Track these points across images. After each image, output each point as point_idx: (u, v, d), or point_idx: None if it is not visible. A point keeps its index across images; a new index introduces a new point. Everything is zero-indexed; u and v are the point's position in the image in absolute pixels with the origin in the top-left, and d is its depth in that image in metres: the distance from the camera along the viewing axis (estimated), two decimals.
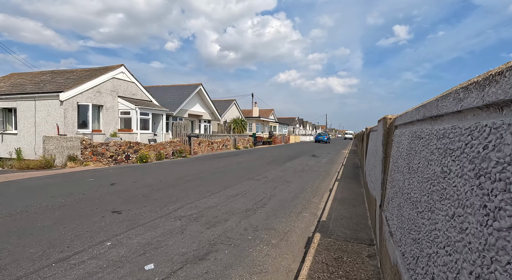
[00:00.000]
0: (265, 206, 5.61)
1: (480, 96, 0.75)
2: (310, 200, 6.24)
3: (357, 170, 10.52)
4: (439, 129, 1.11)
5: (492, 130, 0.69)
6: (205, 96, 22.61)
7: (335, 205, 5.11)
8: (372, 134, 5.13)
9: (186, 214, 4.91)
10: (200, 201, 5.77)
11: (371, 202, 3.92)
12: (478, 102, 0.76)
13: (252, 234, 4.10)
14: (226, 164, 12.26)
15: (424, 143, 1.33)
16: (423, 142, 1.35)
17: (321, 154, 19.72)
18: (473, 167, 0.77)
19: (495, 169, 0.66)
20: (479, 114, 0.78)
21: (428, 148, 1.24)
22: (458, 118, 0.94)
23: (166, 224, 4.36)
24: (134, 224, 4.29)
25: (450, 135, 0.97)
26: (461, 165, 0.85)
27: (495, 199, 0.65)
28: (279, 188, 7.39)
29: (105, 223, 4.26)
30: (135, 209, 5.06)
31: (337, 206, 5.02)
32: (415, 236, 1.32)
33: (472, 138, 0.79)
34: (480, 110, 0.78)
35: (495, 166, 0.66)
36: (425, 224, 1.17)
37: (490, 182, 0.67)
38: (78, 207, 5.00)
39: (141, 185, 7.10)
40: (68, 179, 7.86)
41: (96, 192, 6.18)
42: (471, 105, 0.80)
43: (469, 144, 0.81)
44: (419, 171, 1.38)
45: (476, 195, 0.74)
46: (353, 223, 4.05)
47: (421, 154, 1.36)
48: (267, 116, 40.90)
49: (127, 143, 11.21)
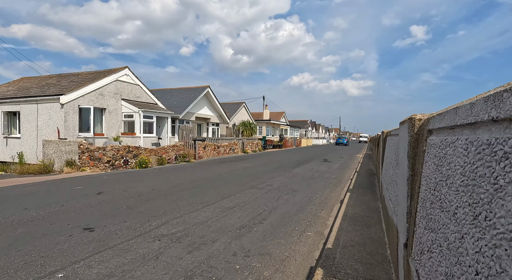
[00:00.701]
0: (263, 222, 4.84)
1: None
2: (317, 215, 5.41)
3: (372, 178, 9.55)
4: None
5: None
6: (213, 99, 22.09)
7: (345, 225, 4.27)
8: (390, 140, 4.27)
9: (169, 232, 4.21)
10: (189, 215, 5.07)
11: (391, 228, 3.07)
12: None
13: (241, 262, 3.35)
14: (230, 169, 11.56)
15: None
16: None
17: (333, 158, 18.70)
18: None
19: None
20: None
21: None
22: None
23: (142, 246, 3.67)
24: (103, 246, 3.62)
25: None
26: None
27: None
28: (283, 198, 6.60)
29: (69, 244, 3.61)
30: (112, 225, 4.42)
31: (347, 226, 4.17)
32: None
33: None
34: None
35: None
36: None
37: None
38: (48, 222, 4.40)
39: (130, 195, 6.49)
40: (54, 187, 7.35)
41: (76, 203, 5.60)
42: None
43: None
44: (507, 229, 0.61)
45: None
46: (367, 253, 3.20)
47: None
48: (278, 119, 40.07)
49: (126, 148, 10.71)
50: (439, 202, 1.21)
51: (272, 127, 36.76)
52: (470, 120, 0.95)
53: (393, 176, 3.23)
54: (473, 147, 0.90)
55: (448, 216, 1.06)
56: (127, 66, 14.73)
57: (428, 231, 1.34)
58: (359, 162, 15.78)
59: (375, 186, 7.73)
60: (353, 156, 21.89)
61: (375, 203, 5.78)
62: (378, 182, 7.63)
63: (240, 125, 26.11)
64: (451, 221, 1.01)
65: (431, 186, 1.37)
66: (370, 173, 10.86)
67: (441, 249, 1.10)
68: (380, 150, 7.18)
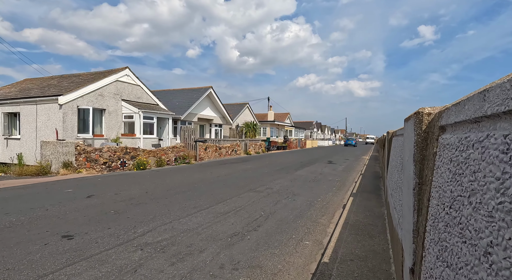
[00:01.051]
0: (258, 229, 4.49)
1: None
2: (317, 221, 5.04)
3: (377, 181, 9.12)
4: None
5: None
6: (215, 100, 21.85)
7: (346, 234, 3.89)
8: (395, 141, 3.89)
9: (154, 240, 3.90)
10: (180, 221, 4.75)
11: (395, 241, 2.70)
12: None
13: (227, 276, 3.01)
14: (230, 171, 11.23)
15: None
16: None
17: (338, 160, 18.23)
18: None
19: None
20: None
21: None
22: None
23: (121, 256, 3.36)
24: (78, 256, 3.32)
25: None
26: None
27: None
28: (282, 202, 6.24)
29: (41, 254, 3.32)
30: (94, 232, 4.12)
31: (347, 236, 3.79)
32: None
33: None
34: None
35: None
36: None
37: None
38: (26, 229, 4.13)
39: (121, 198, 6.21)
40: (44, 189, 7.12)
41: (62, 207, 5.33)
42: None
43: None
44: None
45: None
46: (368, 270, 2.82)
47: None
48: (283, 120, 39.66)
49: (123, 149, 10.48)
50: (458, 226, 0.85)
51: (277, 128, 36.37)
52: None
53: (398, 181, 2.86)
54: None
55: (474, 253, 0.70)
56: (127, 66, 14.57)
57: (442, 263, 0.98)
58: (365, 164, 15.30)
59: (381, 190, 7.31)
60: (359, 157, 21.35)
61: (380, 209, 5.37)
62: (383, 186, 7.22)
63: (243, 126, 25.81)
64: (481, 264, 0.66)
65: (446, 201, 1.01)
66: (375, 175, 10.41)
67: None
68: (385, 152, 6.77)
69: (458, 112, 1.02)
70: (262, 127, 32.81)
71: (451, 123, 1.12)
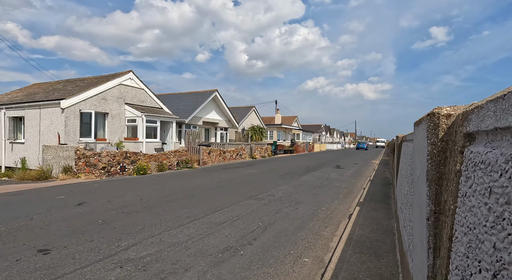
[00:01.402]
0: (253, 243, 4.10)
1: None
2: (319, 234, 4.61)
3: (387, 188, 8.58)
4: None
5: None
6: (221, 103, 21.62)
7: (349, 252, 3.45)
8: (405, 147, 3.44)
9: (137, 256, 3.56)
10: (169, 233, 4.41)
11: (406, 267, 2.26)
12: None
13: None
14: (232, 176, 10.87)
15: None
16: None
17: (346, 164, 17.64)
18: None
19: None
20: None
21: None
22: None
23: (96, 275, 3.02)
24: (49, 275, 3.00)
25: None
26: None
27: None
28: (283, 212, 5.83)
29: (9, 273, 3.02)
30: (74, 245, 3.81)
31: (351, 255, 3.35)
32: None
33: None
34: None
35: None
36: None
37: None
38: (1, 242, 3.85)
39: (113, 206, 5.92)
40: (35, 196, 6.90)
41: (49, 216, 5.07)
42: None
43: None
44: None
45: None
46: None
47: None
48: (290, 123, 39.13)
49: (123, 153, 10.27)
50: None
51: (284, 132, 35.87)
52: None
53: (408, 195, 2.43)
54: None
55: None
56: (131, 70, 14.48)
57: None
58: (374, 169, 14.69)
59: (390, 199, 6.80)
60: (368, 162, 20.67)
61: (389, 221, 4.89)
62: (393, 194, 6.71)
63: (249, 129, 25.47)
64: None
65: (485, 259, 0.62)
66: (385, 182, 9.86)
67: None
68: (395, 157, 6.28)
69: (502, 113, 0.63)
70: (269, 131, 32.39)
71: (486, 130, 0.73)
